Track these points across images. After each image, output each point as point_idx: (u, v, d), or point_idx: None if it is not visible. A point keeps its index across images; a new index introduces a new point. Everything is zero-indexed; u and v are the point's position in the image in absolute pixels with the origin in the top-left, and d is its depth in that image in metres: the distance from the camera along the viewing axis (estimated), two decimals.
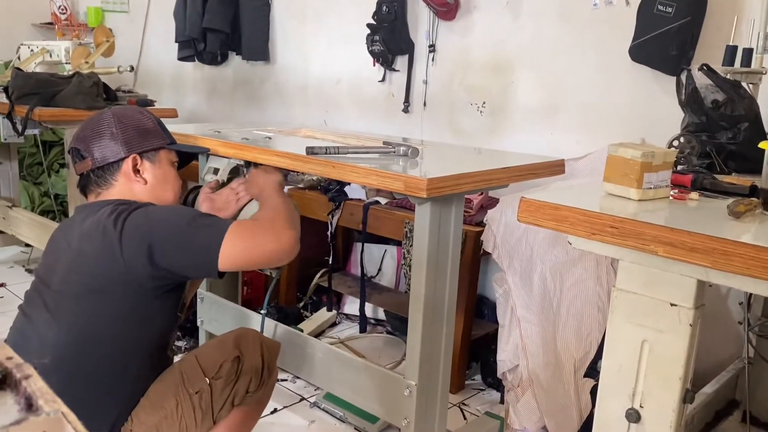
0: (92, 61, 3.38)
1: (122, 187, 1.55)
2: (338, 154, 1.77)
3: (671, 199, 1.27)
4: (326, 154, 1.76)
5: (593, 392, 1.95)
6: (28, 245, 3.71)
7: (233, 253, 1.38)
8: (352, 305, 3.11)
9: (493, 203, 2.45)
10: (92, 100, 2.86)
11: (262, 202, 1.67)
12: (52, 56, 3.53)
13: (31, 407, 0.42)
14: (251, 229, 1.44)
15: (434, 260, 1.72)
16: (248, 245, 1.40)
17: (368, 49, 3.08)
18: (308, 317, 3.04)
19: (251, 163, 1.95)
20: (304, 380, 2.51)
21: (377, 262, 3.14)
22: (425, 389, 1.79)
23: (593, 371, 1.96)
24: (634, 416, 1.17)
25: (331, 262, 2.85)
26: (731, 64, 1.77)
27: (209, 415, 1.50)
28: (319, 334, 2.93)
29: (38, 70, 3.42)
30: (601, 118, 2.51)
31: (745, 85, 1.69)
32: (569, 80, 2.59)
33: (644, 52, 2.30)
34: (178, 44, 3.92)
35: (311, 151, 1.77)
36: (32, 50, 3.60)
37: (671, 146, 1.54)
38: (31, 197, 4.05)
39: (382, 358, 2.79)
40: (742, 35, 1.92)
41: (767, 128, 1.66)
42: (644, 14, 2.28)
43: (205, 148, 2.00)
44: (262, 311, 2.11)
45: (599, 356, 1.83)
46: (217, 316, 2.38)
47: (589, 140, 2.50)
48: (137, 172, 1.57)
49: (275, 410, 2.34)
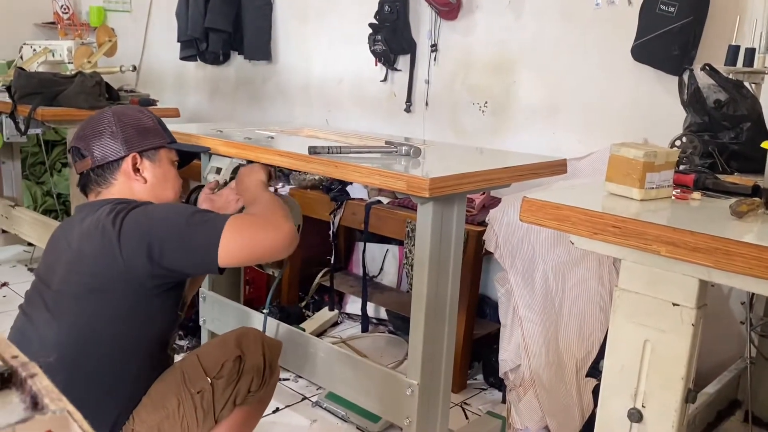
0: (95, 60, 3.39)
1: (122, 186, 1.55)
2: (341, 153, 1.77)
3: (673, 198, 1.27)
4: (329, 153, 1.77)
5: (595, 392, 1.95)
6: (30, 244, 3.71)
7: (233, 247, 1.38)
8: (354, 305, 3.11)
9: (495, 203, 2.45)
10: (95, 99, 2.87)
11: (252, 199, 1.65)
12: (54, 56, 3.54)
13: (36, 406, 0.42)
14: (249, 222, 1.43)
15: (436, 260, 1.73)
16: (247, 238, 1.40)
17: (370, 48, 3.08)
18: (310, 317, 3.04)
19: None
20: (305, 379, 2.51)
21: (379, 261, 3.14)
22: (427, 389, 1.79)
23: (595, 371, 1.96)
24: (636, 416, 1.17)
25: (333, 261, 2.84)
26: (734, 63, 1.76)
27: (211, 414, 1.50)
28: (321, 333, 2.94)
29: (41, 69, 3.43)
30: (603, 117, 2.51)
31: (747, 84, 1.69)
32: (571, 80, 2.59)
33: (646, 51, 2.30)
34: (180, 44, 3.92)
35: (314, 150, 1.77)
36: (35, 50, 3.61)
37: (673, 146, 1.54)
38: (33, 196, 4.06)
39: (384, 357, 2.79)
40: (744, 35, 1.92)
41: None
42: (646, 14, 2.28)
43: (205, 147, 2.00)
44: (264, 310, 2.11)
45: (601, 356, 1.84)
46: (219, 315, 2.38)
47: (591, 140, 2.50)
48: (137, 170, 1.56)
49: (277, 409, 2.34)
